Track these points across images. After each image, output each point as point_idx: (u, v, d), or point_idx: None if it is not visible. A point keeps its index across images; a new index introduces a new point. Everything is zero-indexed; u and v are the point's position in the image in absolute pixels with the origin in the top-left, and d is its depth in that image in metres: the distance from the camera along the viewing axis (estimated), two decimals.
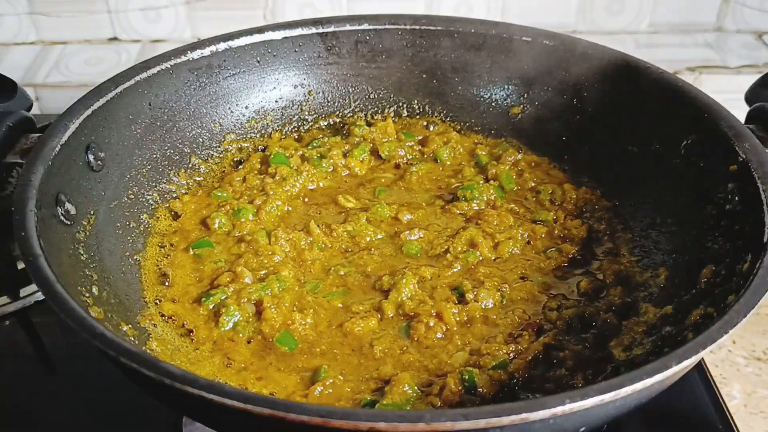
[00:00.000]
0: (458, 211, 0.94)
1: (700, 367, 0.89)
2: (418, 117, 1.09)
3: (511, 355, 0.75)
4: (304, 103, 1.07)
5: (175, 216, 0.93)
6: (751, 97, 0.89)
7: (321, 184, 0.99)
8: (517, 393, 0.72)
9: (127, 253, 0.85)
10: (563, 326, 0.79)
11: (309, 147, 1.03)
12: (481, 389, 0.71)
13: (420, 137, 1.07)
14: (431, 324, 0.78)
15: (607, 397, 0.53)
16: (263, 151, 1.04)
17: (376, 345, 0.77)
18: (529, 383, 0.73)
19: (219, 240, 0.91)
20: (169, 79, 0.95)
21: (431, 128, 1.08)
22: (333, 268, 0.87)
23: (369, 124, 1.07)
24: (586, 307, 0.81)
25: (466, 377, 0.71)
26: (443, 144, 1.04)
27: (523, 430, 0.53)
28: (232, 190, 0.98)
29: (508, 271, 0.86)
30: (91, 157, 0.82)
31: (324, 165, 1.00)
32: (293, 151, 1.02)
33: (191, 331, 0.80)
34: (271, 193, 0.95)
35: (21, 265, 0.97)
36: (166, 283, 0.85)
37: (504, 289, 0.83)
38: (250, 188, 0.97)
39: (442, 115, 1.08)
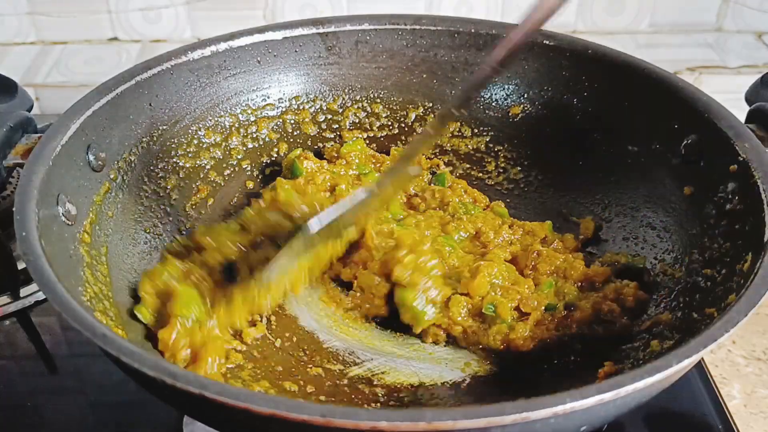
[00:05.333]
0: None
1: (700, 367, 0.89)
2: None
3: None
4: (305, 103, 1.07)
5: None
6: (751, 97, 0.89)
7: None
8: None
9: None
10: None
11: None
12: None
13: None
14: None
15: (608, 396, 0.53)
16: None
17: None
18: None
19: None
20: (170, 80, 0.95)
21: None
22: None
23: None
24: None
25: None
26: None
27: (524, 429, 0.53)
28: None
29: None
30: (91, 158, 0.82)
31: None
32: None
33: None
34: None
35: (21, 265, 0.97)
36: None
37: None
38: None
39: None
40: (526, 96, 1.04)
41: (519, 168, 1.03)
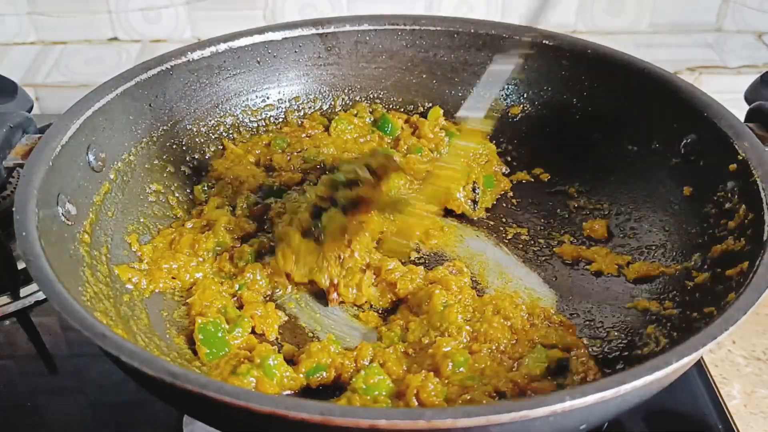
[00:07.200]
0: None
1: (700, 367, 0.89)
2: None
3: None
4: (305, 104, 1.07)
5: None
6: (750, 96, 0.89)
7: None
8: None
9: None
10: None
11: None
12: None
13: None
14: None
15: (608, 394, 0.53)
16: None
17: None
18: None
19: None
20: (170, 80, 0.95)
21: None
22: None
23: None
24: None
25: None
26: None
27: (524, 428, 0.53)
28: None
29: None
30: (91, 158, 0.83)
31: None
32: None
33: None
34: None
35: (21, 265, 0.97)
36: None
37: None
38: None
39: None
40: (526, 96, 1.04)
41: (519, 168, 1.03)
